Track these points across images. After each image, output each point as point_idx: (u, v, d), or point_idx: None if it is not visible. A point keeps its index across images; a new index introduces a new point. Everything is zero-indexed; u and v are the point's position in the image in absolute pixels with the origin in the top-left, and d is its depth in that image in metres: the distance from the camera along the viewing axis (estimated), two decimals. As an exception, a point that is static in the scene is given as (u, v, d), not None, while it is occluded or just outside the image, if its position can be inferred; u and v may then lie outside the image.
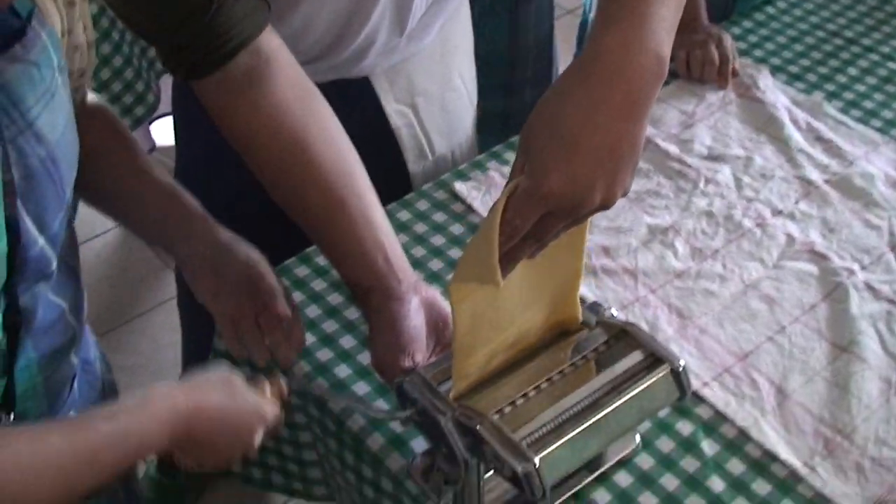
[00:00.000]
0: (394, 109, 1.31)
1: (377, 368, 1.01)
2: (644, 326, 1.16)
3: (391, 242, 1.01)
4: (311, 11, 1.16)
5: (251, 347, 1.00)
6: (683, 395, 0.92)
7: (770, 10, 1.70)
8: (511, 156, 1.38)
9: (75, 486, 0.77)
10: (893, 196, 1.33)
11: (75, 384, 0.96)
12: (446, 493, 0.96)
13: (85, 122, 0.88)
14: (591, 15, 1.84)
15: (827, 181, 1.35)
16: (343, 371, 1.11)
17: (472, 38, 1.41)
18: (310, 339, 1.13)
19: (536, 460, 0.83)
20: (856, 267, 1.23)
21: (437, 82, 1.34)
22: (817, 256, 1.24)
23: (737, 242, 1.26)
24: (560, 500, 0.99)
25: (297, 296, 1.18)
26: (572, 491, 0.99)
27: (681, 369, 0.91)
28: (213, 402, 0.85)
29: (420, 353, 0.97)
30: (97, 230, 2.53)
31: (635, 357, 0.92)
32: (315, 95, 1.02)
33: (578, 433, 0.86)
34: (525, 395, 0.90)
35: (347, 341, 1.15)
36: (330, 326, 1.16)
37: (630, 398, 0.88)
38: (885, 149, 1.41)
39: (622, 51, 0.78)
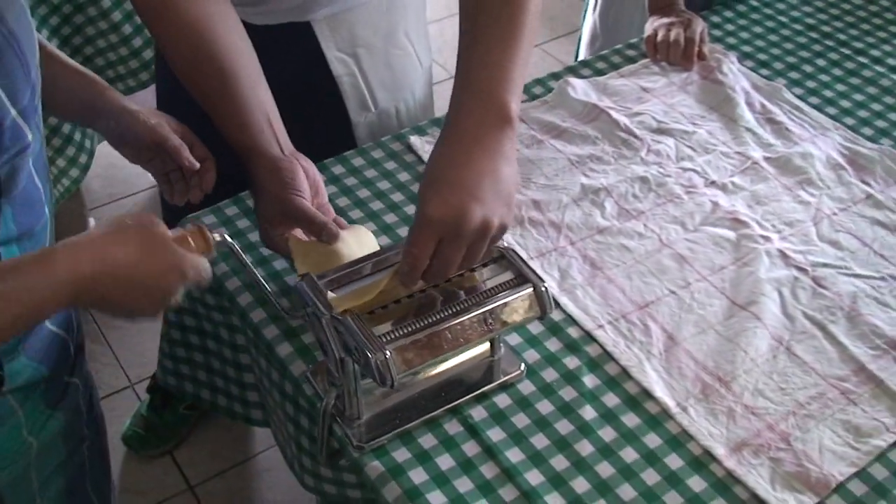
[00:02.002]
0: (335, 57, 1.38)
1: (262, 229, 1.15)
2: (555, 273, 1.23)
3: (276, 116, 1.16)
4: None
5: (170, 196, 1.18)
6: (544, 314, 0.98)
7: (753, 2, 1.75)
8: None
9: None
10: (830, 176, 1.37)
11: None
12: (330, 392, 1.04)
13: None
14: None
15: (767, 158, 1.40)
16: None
17: (424, 2, 1.48)
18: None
19: (388, 351, 0.91)
20: (774, 236, 1.27)
21: (380, 37, 1.41)
22: (738, 224, 1.29)
23: (663, 207, 1.32)
24: (439, 411, 1.06)
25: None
26: (451, 405, 1.07)
27: (543, 290, 0.98)
28: (122, 260, 0.87)
29: (303, 214, 1.10)
30: (131, 189, 2.69)
31: (505, 277, 0.99)
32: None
33: (433, 334, 0.93)
34: (398, 301, 0.98)
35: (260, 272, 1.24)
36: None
37: (489, 309, 0.95)
38: (835, 134, 1.45)
39: (478, 110, 0.99)
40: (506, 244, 1.07)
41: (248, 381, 1.33)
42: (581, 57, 2.00)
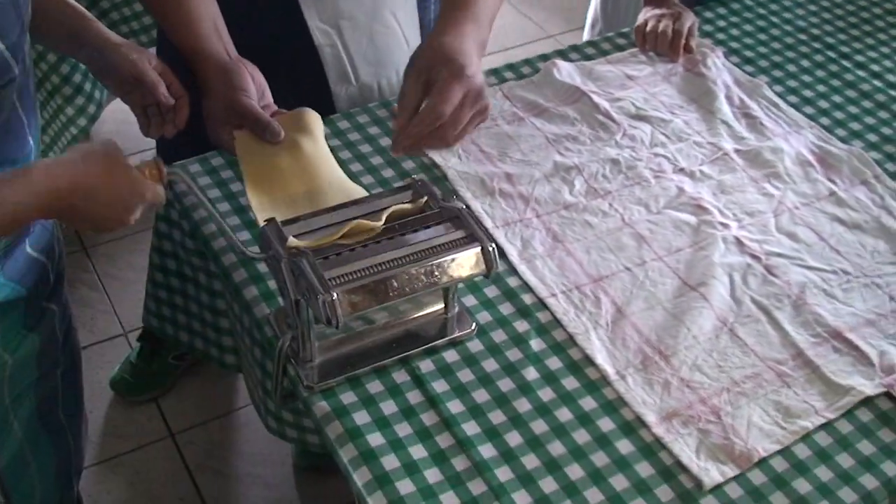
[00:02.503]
0: (317, 26, 1.43)
1: (210, 128, 1.24)
2: (517, 243, 1.28)
3: (222, 24, 1.29)
4: None
5: (145, 130, 1.27)
6: (489, 272, 1.04)
7: (748, 1, 1.79)
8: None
9: None
10: (797, 172, 1.41)
11: None
12: (286, 334, 1.10)
13: None
14: None
15: (737, 150, 1.44)
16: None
17: None
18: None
19: (335, 293, 0.96)
20: (734, 224, 1.32)
21: (365, 12, 1.44)
22: (700, 210, 1.34)
23: (630, 189, 1.37)
24: (389, 360, 1.11)
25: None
26: (401, 355, 1.12)
27: (490, 249, 1.03)
28: (91, 177, 0.99)
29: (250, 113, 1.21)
30: (140, 147, 2.75)
31: (457, 234, 1.04)
32: None
33: (381, 281, 0.99)
34: (352, 249, 1.03)
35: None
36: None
37: (434, 261, 1.01)
38: (808, 132, 1.49)
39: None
40: (469, 210, 1.13)
41: (223, 325, 1.40)
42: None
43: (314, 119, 1.26)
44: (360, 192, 1.19)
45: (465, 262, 1.03)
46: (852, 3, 1.80)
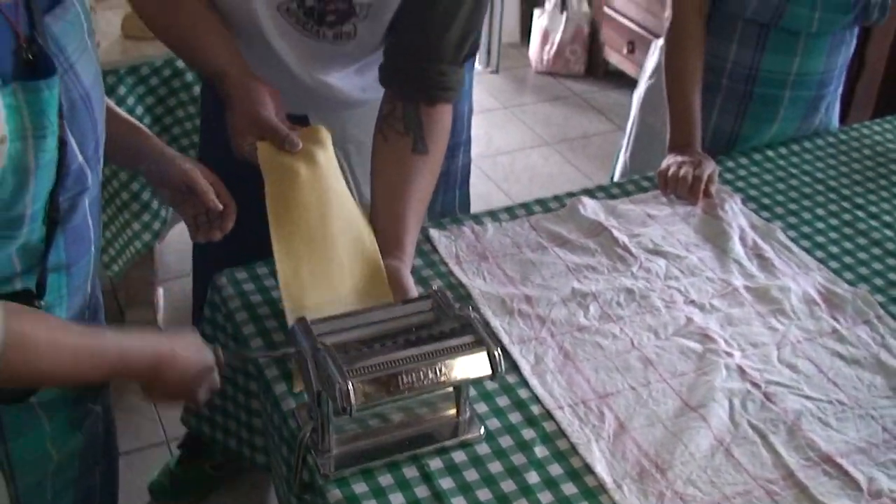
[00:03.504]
0: None
1: (234, 140, 1.36)
2: (531, 358, 1.37)
3: (238, 49, 1.43)
4: (261, 48, 1.47)
5: (194, 235, 1.40)
6: (494, 375, 1.13)
7: (769, 153, 1.90)
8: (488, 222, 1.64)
9: (77, 375, 1.09)
10: (803, 310, 1.49)
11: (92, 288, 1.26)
12: (307, 424, 1.19)
13: None
14: None
15: (747, 287, 1.53)
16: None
17: None
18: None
19: (350, 382, 1.06)
20: (737, 353, 1.40)
21: (371, 136, 1.53)
22: (707, 339, 1.42)
23: (642, 316, 1.46)
24: (402, 455, 1.20)
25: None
26: (413, 452, 1.21)
27: (495, 353, 1.12)
28: (184, 354, 1.14)
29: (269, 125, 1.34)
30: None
31: (466, 339, 1.14)
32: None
33: (392, 375, 1.09)
34: (372, 347, 1.14)
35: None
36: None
37: (444, 361, 1.11)
38: (817, 274, 1.57)
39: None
40: (482, 320, 1.23)
41: (256, 425, 1.49)
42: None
43: (326, 135, 1.39)
44: (362, 218, 1.39)
45: (471, 364, 1.13)
46: (870, 158, 1.91)
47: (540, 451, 1.23)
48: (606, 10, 3.99)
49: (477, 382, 1.25)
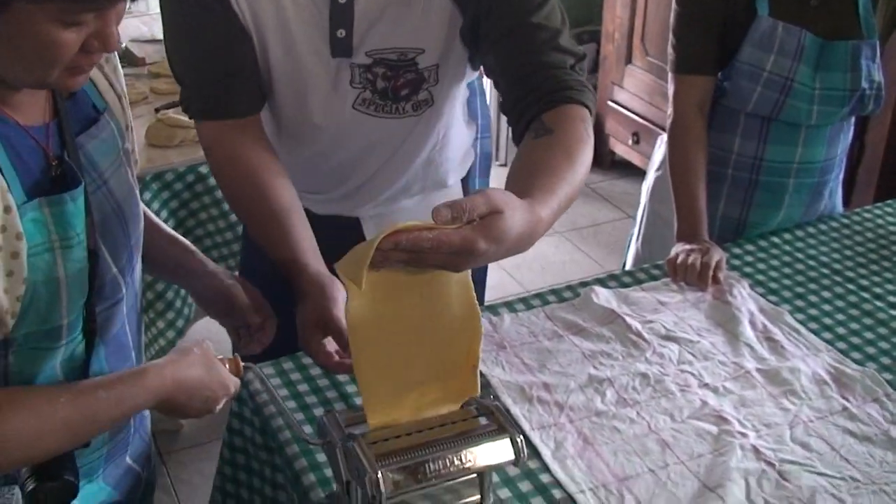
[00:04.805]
0: None
1: (301, 334, 1.35)
2: (551, 444, 1.42)
3: (314, 242, 1.45)
4: (323, 150, 1.54)
5: (236, 346, 1.43)
6: (517, 460, 1.17)
7: (775, 239, 1.97)
8: (529, 318, 1.70)
9: (76, 437, 1.11)
10: (813, 390, 1.54)
11: None
12: (336, 514, 1.23)
13: None
14: None
15: (758, 369, 1.58)
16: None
17: None
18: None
19: (379, 473, 1.11)
20: (752, 433, 1.44)
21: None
22: (721, 420, 1.46)
23: (657, 400, 1.51)
24: (425, 542, 1.23)
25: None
26: (437, 535, 1.24)
27: (518, 440, 1.17)
28: (192, 375, 1.18)
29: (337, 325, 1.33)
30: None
31: (490, 427, 1.19)
32: (274, 156, 1.49)
33: (419, 464, 1.13)
34: (399, 437, 1.19)
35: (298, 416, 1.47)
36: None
37: (469, 449, 1.15)
38: (825, 355, 1.62)
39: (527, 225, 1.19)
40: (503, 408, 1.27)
41: (282, 517, 1.53)
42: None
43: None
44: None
45: (494, 451, 1.17)
46: (873, 241, 1.97)
47: (563, 534, 1.27)
48: (610, 103, 4.11)
49: (500, 468, 1.29)
